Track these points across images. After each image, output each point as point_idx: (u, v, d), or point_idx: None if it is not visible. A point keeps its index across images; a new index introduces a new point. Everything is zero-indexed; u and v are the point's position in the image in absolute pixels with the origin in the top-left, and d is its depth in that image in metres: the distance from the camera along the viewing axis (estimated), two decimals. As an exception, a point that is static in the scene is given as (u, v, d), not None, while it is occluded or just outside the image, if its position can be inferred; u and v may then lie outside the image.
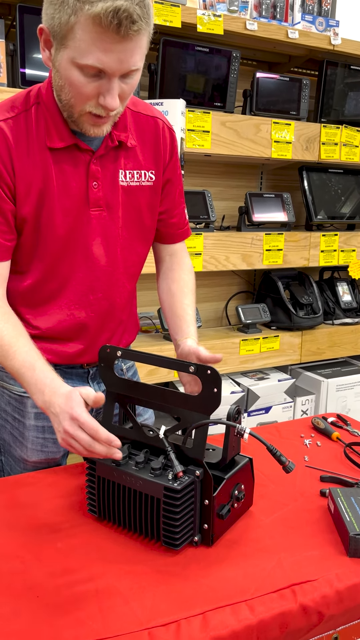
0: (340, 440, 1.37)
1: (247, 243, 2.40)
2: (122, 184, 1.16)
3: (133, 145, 1.15)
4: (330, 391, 2.60)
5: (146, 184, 1.19)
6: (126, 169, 1.16)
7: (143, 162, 1.18)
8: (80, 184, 1.11)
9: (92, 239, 1.16)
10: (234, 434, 0.97)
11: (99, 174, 1.12)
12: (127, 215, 1.19)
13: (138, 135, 1.17)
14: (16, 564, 0.89)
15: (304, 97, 2.46)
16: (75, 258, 1.16)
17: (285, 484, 1.15)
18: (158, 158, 1.20)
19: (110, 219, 1.16)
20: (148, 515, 0.93)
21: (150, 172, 1.19)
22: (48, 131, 1.07)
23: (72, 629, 0.76)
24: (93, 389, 1.27)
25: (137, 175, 1.17)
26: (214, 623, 0.77)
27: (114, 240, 1.18)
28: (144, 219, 1.22)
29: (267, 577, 0.87)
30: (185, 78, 2.17)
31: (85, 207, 1.13)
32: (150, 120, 1.20)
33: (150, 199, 1.22)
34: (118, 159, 1.14)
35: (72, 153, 1.10)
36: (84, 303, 1.19)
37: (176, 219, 1.31)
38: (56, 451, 1.26)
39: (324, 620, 0.84)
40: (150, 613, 0.79)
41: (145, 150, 1.18)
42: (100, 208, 1.14)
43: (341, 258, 2.69)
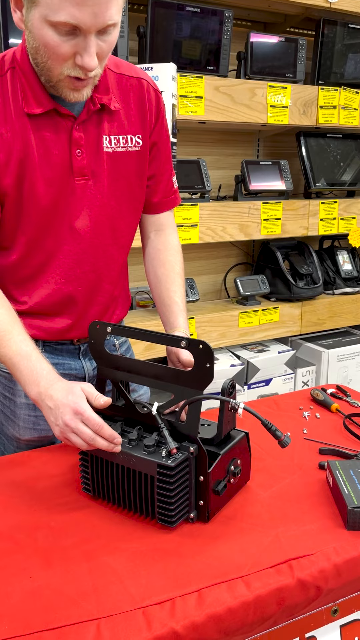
0: (340, 411, 1.35)
1: (244, 213, 2.34)
2: (107, 150, 1.11)
3: (117, 108, 1.10)
4: (332, 362, 2.58)
5: (133, 150, 1.14)
6: (110, 135, 1.10)
7: (128, 126, 1.13)
8: (62, 152, 1.06)
9: (78, 210, 1.11)
10: (228, 409, 0.94)
11: (83, 141, 1.07)
12: (114, 184, 1.14)
13: (122, 98, 1.12)
14: (9, 544, 0.88)
15: (301, 58, 2.37)
16: (61, 230, 1.11)
17: (284, 458, 1.13)
18: (144, 121, 1.15)
19: (96, 188, 1.11)
20: (142, 493, 0.92)
21: (136, 136, 1.14)
22: (25, 97, 1.02)
23: (65, 609, 0.75)
24: (84, 365, 1.25)
25: (122, 141, 1.12)
26: (210, 600, 0.76)
27: (101, 210, 1.13)
28: (133, 187, 1.17)
29: (264, 553, 0.85)
30: (176, 41, 2.08)
31: (69, 177, 1.08)
32: (135, 82, 1.14)
33: (138, 165, 1.16)
34: (101, 124, 1.09)
35: (53, 119, 1.05)
36: (72, 277, 1.16)
37: (163, 185, 1.25)
38: (49, 429, 1.23)
39: (322, 594, 0.83)
40: (144, 591, 0.78)
41: (130, 113, 1.13)
42: (85, 177, 1.09)
43: (341, 226, 2.63)
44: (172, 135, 1.94)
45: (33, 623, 0.72)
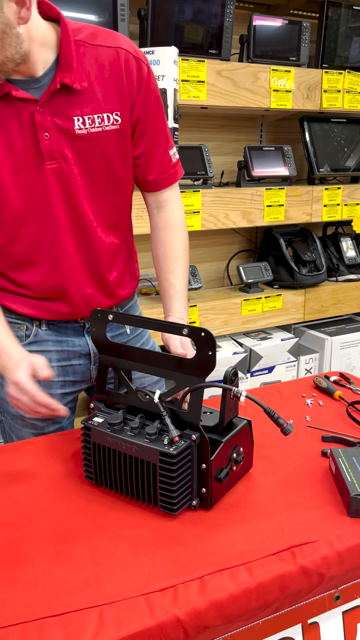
0: (343, 399, 1.34)
1: (247, 199, 2.32)
2: (80, 132, 1.05)
3: (83, 87, 1.03)
4: (335, 349, 2.58)
5: (111, 128, 1.08)
6: (83, 115, 1.04)
7: (104, 103, 1.06)
8: (27, 137, 1.03)
9: (53, 196, 1.08)
10: (230, 396, 0.94)
11: (48, 124, 1.03)
12: (92, 165, 1.09)
13: (97, 72, 1.05)
14: (12, 531, 0.88)
15: (304, 41, 2.34)
16: (39, 217, 1.09)
17: (286, 445, 1.13)
18: (122, 95, 1.07)
19: (70, 171, 1.07)
20: (145, 480, 0.92)
21: (114, 114, 1.07)
22: None
23: (68, 596, 0.75)
24: (88, 342, 1.26)
25: (98, 120, 1.05)
26: (212, 587, 0.76)
27: (78, 193, 1.09)
28: (114, 167, 1.12)
29: (267, 540, 0.85)
30: (177, 24, 2.05)
31: (39, 162, 1.05)
32: (111, 52, 1.05)
33: (119, 144, 1.10)
34: (71, 105, 1.04)
35: (12, 104, 1.01)
36: (59, 262, 1.14)
37: (158, 162, 1.18)
38: None
39: (324, 581, 0.83)
40: (147, 578, 0.78)
41: (106, 88, 1.06)
42: (56, 160, 1.05)
43: (345, 212, 2.61)
44: (174, 121, 1.92)
45: (36, 610, 0.73)
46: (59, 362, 1.24)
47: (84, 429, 0.98)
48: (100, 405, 1.02)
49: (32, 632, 0.69)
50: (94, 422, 0.97)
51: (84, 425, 0.97)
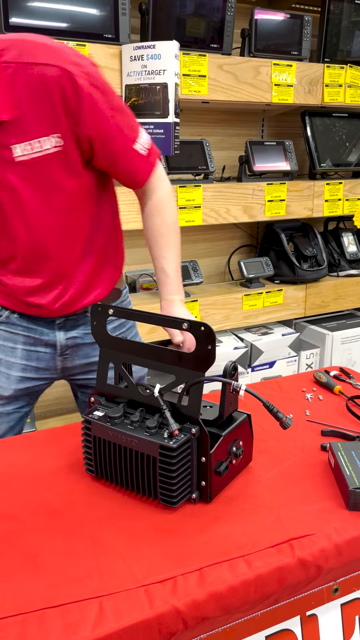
0: (343, 393, 1.35)
1: (248, 194, 2.32)
2: (21, 159, 1.04)
3: (13, 115, 1.00)
4: (335, 344, 2.58)
5: (53, 151, 1.05)
6: (20, 142, 1.02)
7: (39, 128, 1.02)
8: None
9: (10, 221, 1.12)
10: (230, 390, 0.94)
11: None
12: (41, 189, 1.09)
13: (28, 95, 0.99)
14: (13, 523, 0.89)
15: (306, 35, 2.33)
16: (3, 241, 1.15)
17: (286, 439, 1.13)
18: (58, 117, 1.02)
19: (18, 198, 1.09)
20: (145, 473, 0.92)
21: (52, 136, 1.03)
22: None
23: (68, 587, 0.76)
24: (57, 335, 1.29)
25: (37, 145, 1.03)
26: (211, 579, 0.77)
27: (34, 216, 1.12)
28: (65, 186, 1.11)
29: (265, 533, 0.86)
30: (178, 18, 2.04)
31: None
32: (40, 71, 0.98)
33: (65, 165, 1.08)
34: (6, 135, 1.02)
35: None
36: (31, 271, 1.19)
37: (128, 165, 1.17)
38: (6, 387, 1.28)
39: (322, 573, 0.84)
40: (147, 570, 0.79)
41: (40, 112, 1.01)
42: (4, 188, 1.08)
43: (346, 207, 2.60)
44: (175, 115, 1.92)
45: (36, 600, 0.73)
46: (25, 345, 1.28)
47: (84, 422, 0.98)
48: (100, 399, 1.03)
49: (32, 623, 0.70)
50: (94, 416, 0.97)
51: (84, 419, 0.98)
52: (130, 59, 1.89)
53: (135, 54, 1.87)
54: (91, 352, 1.33)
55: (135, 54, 1.87)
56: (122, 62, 1.92)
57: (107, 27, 1.90)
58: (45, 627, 0.69)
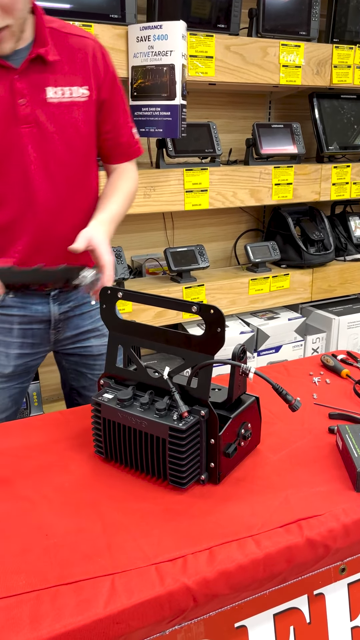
0: (350, 377, 1.35)
1: (255, 177, 2.30)
2: (51, 100, 1.18)
3: (55, 59, 1.17)
4: (342, 329, 2.58)
5: (79, 100, 1.21)
6: (56, 86, 1.18)
7: (73, 78, 1.20)
8: (5, 101, 1.14)
9: (27, 156, 1.18)
10: (239, 373, 0.95)
11: (25, 91, 1.15)
12: (62, 131, 1.20)
13: (66, 52, 1.19)
14: (25, 504, 0.90)
15: (314, 15, 2.29)
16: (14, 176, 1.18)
17: (294, 422, 1.14)
18: (89, 76, 1.22)
19: (41, 135, 1.18)
20: (154, 455, 0.93)
21: (82, 87, 1.21)
22: None
23: (80, 564, 0.77)
24: (52, 309, 1.34)
25: (68, 92, 1.19)
26: (221, 558, 0.78)
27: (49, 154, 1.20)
28: (82, 134, 1.24)
29: (274, 513, 0.87)
30: (185, -2, 2.01)
31: (15, 125, 1.15)
32: (80, 40, 1.22)
33: (86, 114, 1.23)
34: (44, 76, 1.17)
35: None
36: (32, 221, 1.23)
37: (125, 139, 1.35)
38: (6, 365, 1.34)
39: (330, 553, 0.85)
40: (157, 549, 0.80)
41: (75, 66, 1.20)
42: (29, 124, 1.16)
43: (354, 191, 2.58)
44: (182, 97, 1.90)
45: (50, 578, 0.75)
46: (20, 325, 1.33)
47: (94, 404, 0.99)
48: (110, 381, 1.03)
49: (45, 599, 0.72)
50: (104, 398, 0.98)
51: (94, 401, 0.99)
52: (137, 40, 1.87)
53: (141, 35, 1.85)
54: (80, 322, 1.40)
55: (141, 34, 1.85)
56: (128, 43, 1.90)
57: (113, 7, 1.87)
58: (59, 604, 0.71)
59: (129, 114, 1.36)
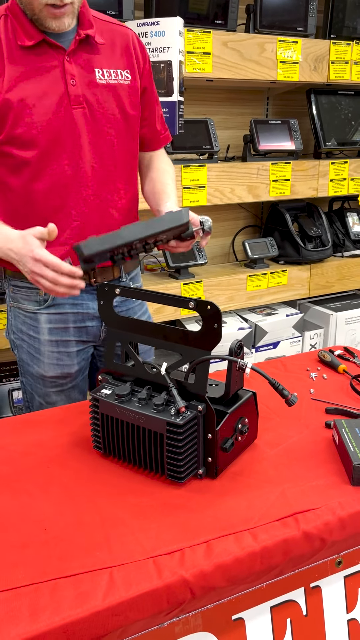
0: (347, 372, 1.36)
1: (252, 174, 2.31)
2: (100, 81, 1.20)
3: (101, 42, 1.21)
4: (340, 324, 2.58)
5: (124, 83, 1.24)
6: (102, 68, 1.21)
7: (117, 61, 1.23)
8: (57, 81, 1.15)
9: (78, 135, 1.19)
10: (236, 368, 0.96)
11: (75, 71, 1.17)
12: (110, 112, 1.22)
13: (108, 37, 1.23)
14: (25, 498, 0.91)
15: (312, 11, 2.29)
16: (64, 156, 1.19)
17: (291, 417, 1.15)
18: (131, 61, 1.25)
19: (92, 116, 1.20)
20: (152, 450, 0.94)
21: (125, 71, 1.24)
22: (17, 34, 1.13)
23: (79, 558, 0.78)
24: None
25: (114, 74, 1.22)
26: (218, 551, 0.79)
27: (99, 137, 1.22)
28: (129, 115, 1.26)
29: (271, 507, 0.88)
30: (182, -6, 2.01)
31: (67, 105, 1.17)
32: (120, 29, 1.26)
33: (131, 96, 1.26)
34: (92, 58, 1.20)
35: (45, 52, 1.15)
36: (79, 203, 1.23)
37: (159, 125, 1.40)
38: (70, 364, 1.33)
39: (326, 546, 0.86)
40: (155, 543, 0.81)
41: (116, 52, 1.24)
42: (80, 105, 1.18)
43: (351, 187, 2.59)
44: (179, 94, 1.90)
45: (49, 571, 0.76)
46: (75, 323, 1.32)
47: (92, 400, 1.00)
48: (108, 377, 1.04)
49: (44, 592, 0.72)
50: (102, 394, 0.99)
51: (92, 397, 0.99)
52: (134, 36, 1.86)
53: (139, 31, 1.85)
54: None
55: (139, 30, 1.85)
56: (125, 40, 1.90)
57: (110, 4, 1.87)
58: (58, 596, 0.72)
59: (159, 102, 1.40)
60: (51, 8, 1.08)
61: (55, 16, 1.10)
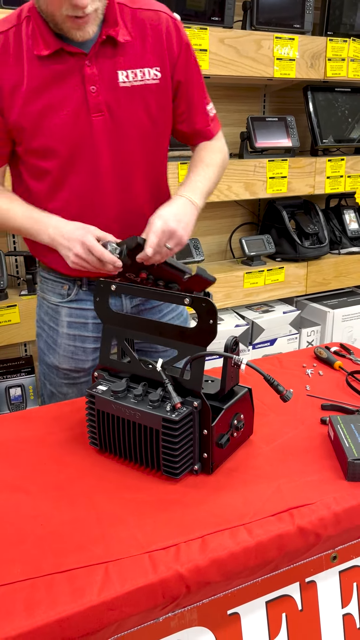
0: (343, 369, 1.36)
1: (249, 171, 2.31)
2: (123, 84, 1.12)
3: (126, 40, 1.11)
4: (336, 321, 2.59)
5: (152, 82, 1.15)
6: (126, 69, 1.12)
7: (145, 59, 1.13)
8: (76, 90, 1.10)
9: (98, 145, 1.14)
10: (231, 365, 0.96)
11: (96, 77, 1.10)
12: (134, 117, 1.15)
13: (137, 30, 1.13)
14: (21, 494, 0.91)
15: (309, 8, 2.29)
16: (84, 166, 1.15)
17: (286, 413, 1.15)
18: (162, 53, 1.15)
19: (113, 123, 1.14)
20: (148, 446, 0.94)
21: (154, 69, 1.14)
22: (36, 41, 1.08)
23: (75, 553, 0.78)
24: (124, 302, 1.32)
25: (140, 74, 1.13)
26: (213, 546, 0.79)
27: (120, 143, 1.16)
28: (155, 118, 1.18)
29: (266, 502, 0.88)
30: (179, -10, 2.01)
31: (86, 114, 1.12)
32: (151, 14, 1.14)
33: (159, 97, 1.17)
34: (115, 59, 1.11)
35: (64, 59, 1.09)
36: (97, 210, 1.20)
37: (199, 118, 1.27)
38: (85, 360, 1.33)
39: (321, 541, 0.86)
40: (150, 538, 0.81)
41: (146, 45, 1.13)
42: (101, 112, 1.12)
43: (348, 184, 2.59)
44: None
45: (44, 566, 0.76)
46: (95, 319, 1.32)
47: (88, 396, 1.00)
48: (104, 374, 1.04)
49: (40, 588, 0.73)
50: (98, 390, 0.99)
51: (88, 393, 1.00)
52: (130, 33, 1.86)
53: (135, 28, 1.84)
54: (150, 317, 1.35)
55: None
56: (122, 36, 1.89)
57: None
58: (54, 591, 0.72)
59: (204, 90, 1.27)
60: (74, 18, 1.02)
61: (78, 26, 1.03)
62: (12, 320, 2.03)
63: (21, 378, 2.19)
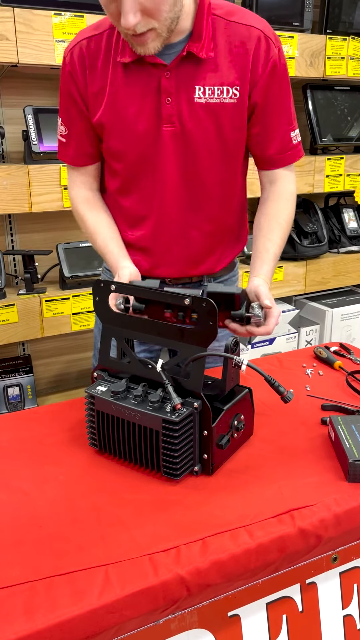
0: (343, 369, 1.36)
1: (249, 170, 2.29)
2: (199, 100, 1.11)
3: (208, 56, 1.08)
4: (335, 321, 2.59)
5: (228, 101, 1.12)
6: (205, 85, 1.10)
7: (225, 76, 1.10)
8: (152, 99, 1.11)
9: (166, 155, 1.15)
10: (231, 365, 0.95)
11: (172, 89, 1.10)
12: (205, 134, 1.14)
13: (222, 45, 1.09)
14: (19, 495, 0.91)
15: (308, 6, 2.28)
16: (151, 174, 1.17)
17: (287, 414, 1.15)
18: (245, 72, 1.10)
19: (183, 136, 1.13)
20: (148, 447, 0.94)
21: (234, 88, 1.11)
22: (122, 47, 1.10)
23: (74, 555, 0.78)
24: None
25: (217, 92, 1.10)
26: (213, 548, 0.79)
27: (188, 158, 1.15)
28: (226, 138, 1.15)
29: (267, 504, 0.88)
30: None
31: (157, 123, 1.12)
32: (243, 30, 1.09)
33: (234, 117, 1.13)
34: (195, 74, 1.10)
35: (145, 68, 1.10)
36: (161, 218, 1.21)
37: (276, 142, 1.20)
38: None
39: (322, 542, 0.86)
40: (151, 540, 0.80)
41: (230, 62, 1.10)
42: (172, 124, 1.12)
43: (347, 183, 2.59)
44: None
45: (44, 569, 0.75)
46: None
47: (88, 397, 0.99)
48: (103, 374, 1.04)
49: (40, 590, 0.72)
50: (97, 391, 0.99)
51: (87, 394, 0.99)
52: (129, 31, 1.85)
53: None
54: None
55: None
56: (120, 34, 1.88)
57: None
58: (53, 594, 0.71)
59: (289, 115, 1.20)
60: (134, 36, 1.01)
61: (139, 43, 1.02)
62: (10, 319, 2.03)
63: (19, 377, 2.18)
